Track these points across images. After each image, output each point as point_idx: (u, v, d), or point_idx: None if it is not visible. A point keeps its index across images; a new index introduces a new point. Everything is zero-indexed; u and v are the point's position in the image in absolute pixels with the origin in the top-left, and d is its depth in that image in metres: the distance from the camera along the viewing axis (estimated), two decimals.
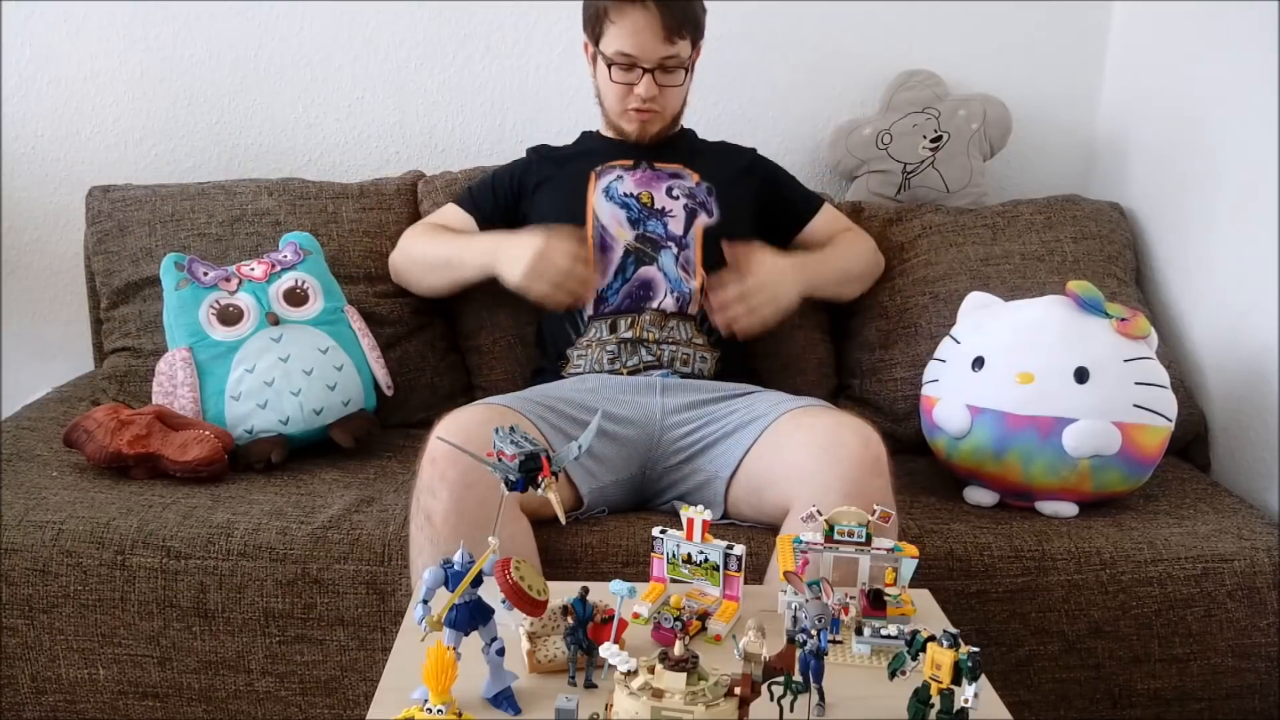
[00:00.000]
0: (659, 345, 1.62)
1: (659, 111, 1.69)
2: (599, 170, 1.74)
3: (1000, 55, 2.16)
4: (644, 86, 1.64)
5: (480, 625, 0.96)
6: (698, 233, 1.69)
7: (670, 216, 1.70)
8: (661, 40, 1.60)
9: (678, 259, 1.67)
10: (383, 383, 1.71)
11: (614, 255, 1.67)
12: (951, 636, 0.87)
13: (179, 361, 1.62)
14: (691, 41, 1.66)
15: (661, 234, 1.68)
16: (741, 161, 1.83)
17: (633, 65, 1.63)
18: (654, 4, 1.59)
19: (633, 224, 1.69)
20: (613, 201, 1.70)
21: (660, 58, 1.62)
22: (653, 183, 1.73)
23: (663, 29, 1.59)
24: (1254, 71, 1.71)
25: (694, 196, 1.72)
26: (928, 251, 1.92)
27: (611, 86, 1.68)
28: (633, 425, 1.52)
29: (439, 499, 1.29)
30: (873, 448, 1.35)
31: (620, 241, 1.68)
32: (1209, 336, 1.83)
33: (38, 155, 2.12)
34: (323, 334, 1.68)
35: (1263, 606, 1.45)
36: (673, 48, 1.62)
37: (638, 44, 1.61)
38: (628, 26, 1.60)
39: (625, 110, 1.69)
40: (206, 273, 1.68)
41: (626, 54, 1.62)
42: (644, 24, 1.59)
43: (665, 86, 1.66)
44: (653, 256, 1.66)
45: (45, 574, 1.38)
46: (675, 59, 1.64)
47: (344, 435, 1.65)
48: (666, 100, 1.69)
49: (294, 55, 2.11)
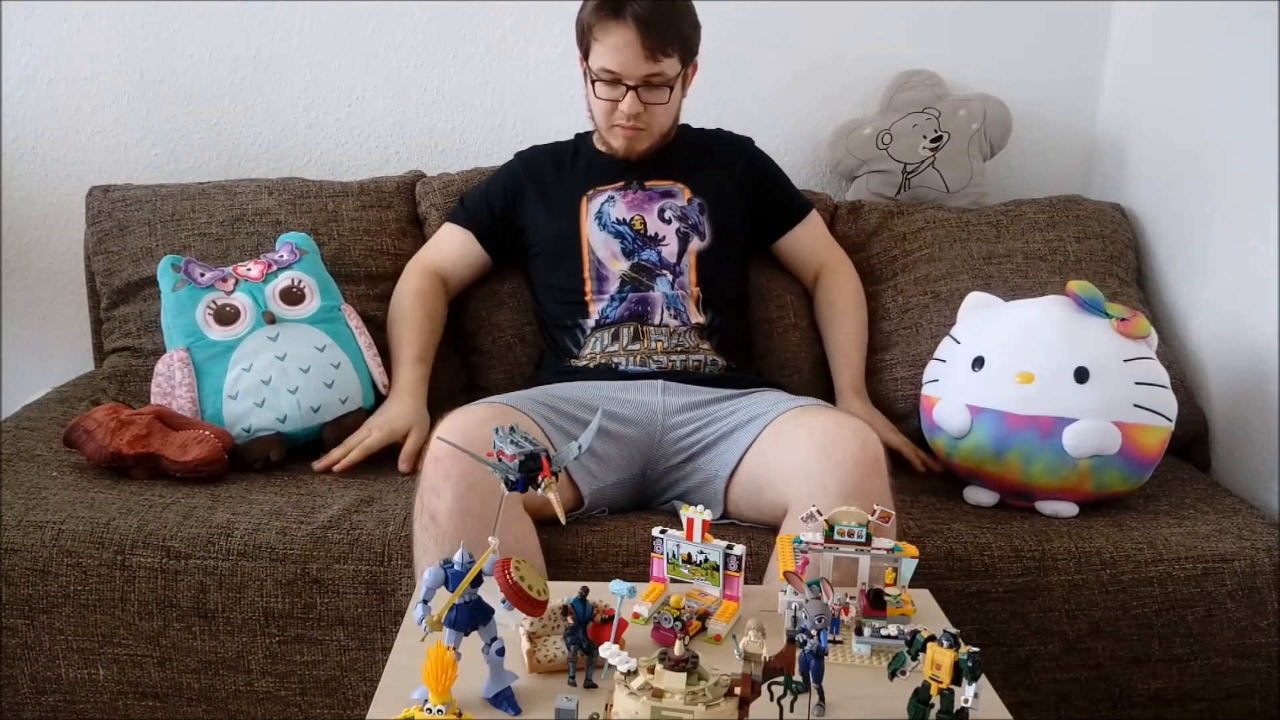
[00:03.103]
0: (669, 355, 1.64)
1: (645, 129, 1.68)
2: (590, 194, 1.74)
3: (1000, 55, 2.16)
4: (627, 103, 1.64)
5: (480, 625, 0.96)
6: (691, 259, 1.71)
7: (663, 245, 1.71)
8: (643, 58, 1.60)
9: (673, 284, 1.69)
10: (379, 381, 1.71)
11: (609, 285, 1.69)
12: (951, 636, 0.87)
13: (176, 362, 1.62)
14: (680, 60, 1.65)
15: (655, 262, 1.70)
16: (737, 158, 1.83)
17: (617, 81, 1.63)
18: (634, 22, 1.58)
19: (626, 255, 1.70)
20: (606, 231, 1.71)
21: (643, 75, 1.61)
22: (644, 205, 1.73)
23: (643, 47, 1.58)
24: (1254, 71, 1.71)
25: (686, 219, 1.72)
26: (931, 245, 1.92)
27: (598, 102, 1.68)
28: (634, 425, 1.53)
29: (442, 498, 1.29)
30: (871, 448, 1.35)
31: (616, 273, 1.69)
32: (1209, 336, 1.83)
33: (38, 155, 2.12)
34: (320, 332, 1.68)
35: (1263, 606, 1.45)
36: (656, 65, 1.61)
37: (620, 61, 1.60)
38: (610, 43, 1.60)
39: (611, 126, 1.69)
40: (203, 274, 1.68)
41: (610, 70, 1.62)
42: (625, 41, 1.59)
43: (650, 104, 1.65)
44: (648, 285, 1.68)
45: (45, 574, 1.38)
46: (660, 77, 1.63)
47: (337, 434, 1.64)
48: (652, 118, 1.67)
49: (294, 55, 2.11)
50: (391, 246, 1.90)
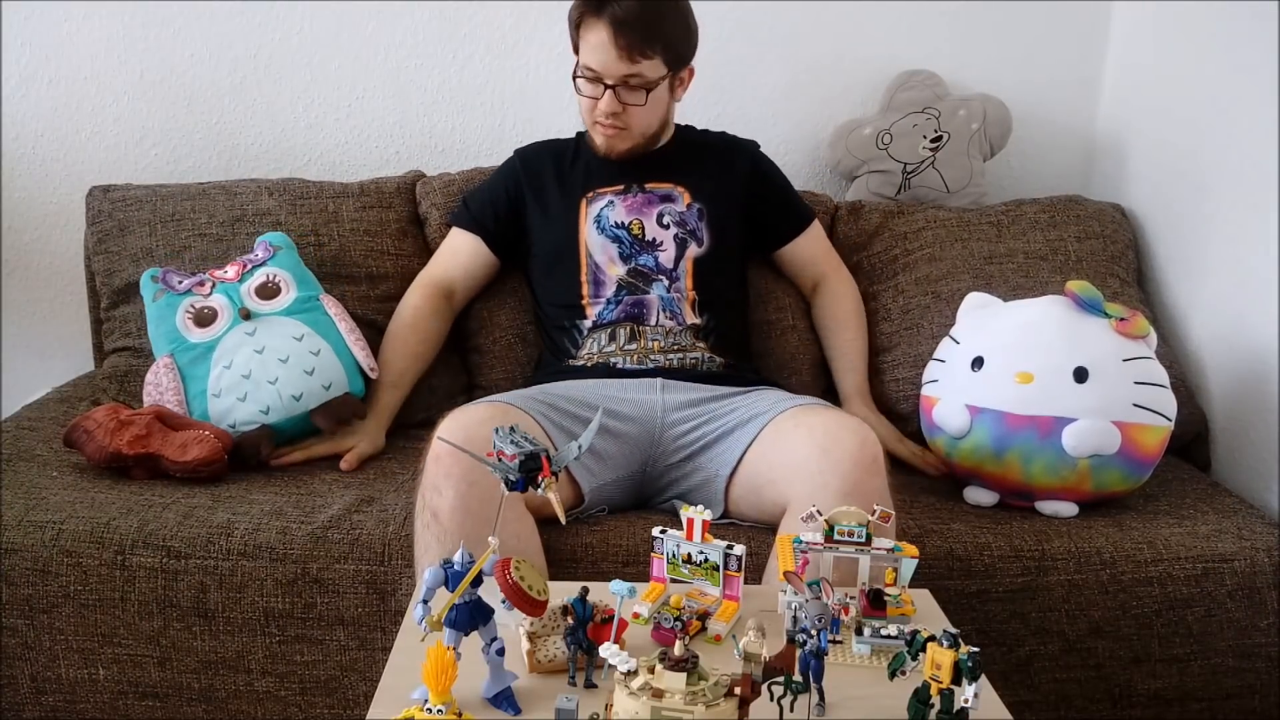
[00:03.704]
0: (665, 354, 1.64)
1: (624, 129, 1.68)
2: (589, 197, 1.75)
3: (1000, 55, 2.16)
4: (604, 102, 1.64)
5: (480, 625, 0.96)
6: (688, 265, 1.71)
7: (660, 250, 1.71)
8: (618, 58, 1.59)
9: (669, 289, 1.69)
10: (365, 365, 1.71)
11: (606, 289, 1.70)
12: (951, 636, 0.87)
13: (162, 369, 1.64)
14: (665, 63, 1.64)
15: (652, 267, 1.70)
16: (740, 163, 1.82)
17: (597, 80, 1.63)
18: (611, 22, 1.58)
19: (624, 259, 1.70)
20: (604, 235, 1.72)
21: (621, 75, 1.61)
22: (643, 209, 1.73)
23: (618, 48, 1.58)
24: (1254, 72, 1.71)
25: (684, 224, 1.73)
26: (932, 245, 1.92)
27: (581, 99, 1.68)
28: (634, 422, 1.53)
29: (444, 496, 1.30)
30: (870, 448, 1.35)
31: (613, 277, 1.70)
32: (1209, 336, 1.83)
33: (38, 155, 2.12)
34: (297, 322, 1.68)
35: (1263, 606, 1.45)
36: (634, 66, 1.60)
37: (599, 59, 1.61)
38: (591, 41, 1.61)
39: (593, 123, 1.70)
40: (181, 281, 1.71)
41: (590, 68, 1.62)
42: (602, 41, 1.59)
43: (628, 105, 1.65)
44: (644, 290, 1.69)
45: (45, 574, 1.38)
46: (638, 78, 1.62)
47: (325, 419, 1.65)
48: (631, 119, 1.67)
49: (294, 55, 2.11)
50: (392, 247, 1.90)
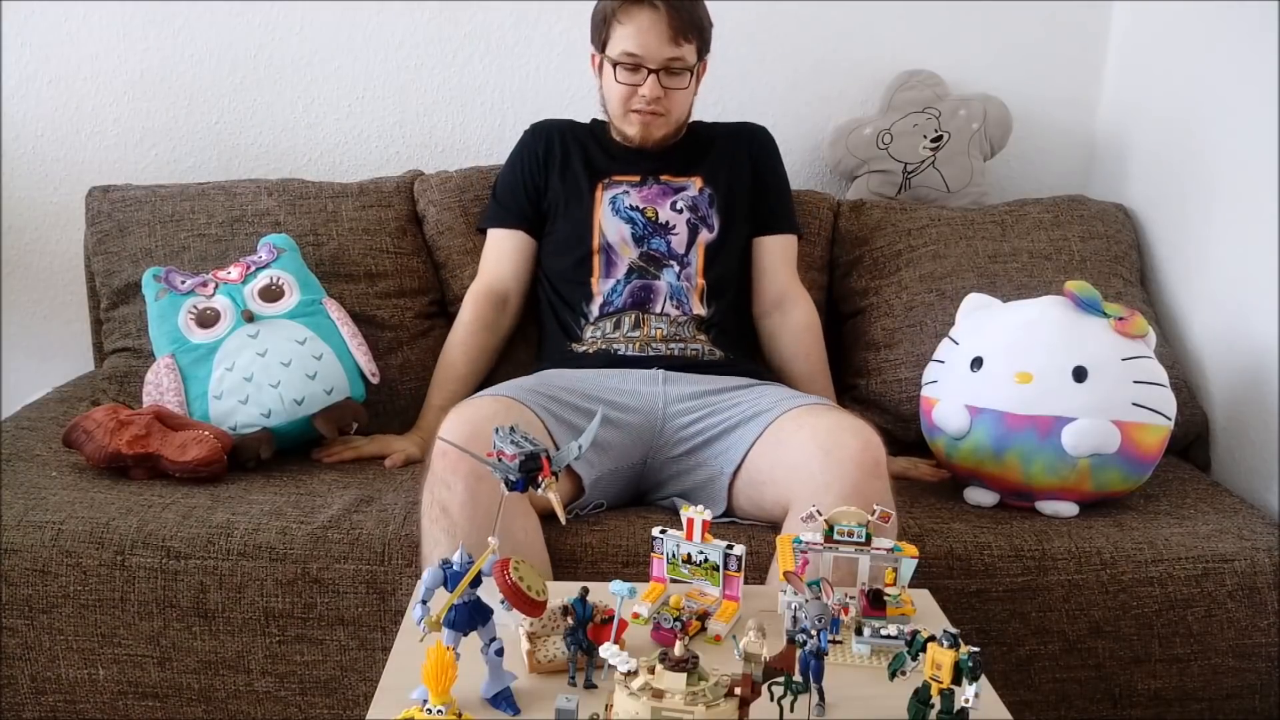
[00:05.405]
0: (667, 344, 1.64)
1: (663, 115, 1.69)
2: (605, 183, 1.75)
3: (1000, 55, 2.16)
4: (649, 87, 1.65)
5: (480, 625, 0.96)
6: (700, 250, 1.72)
7: (673, 234, 1.72)
8: (667, 40, 1.62)
9: (679, 275, 1.70)
10: (366, 370, 1.71)
11: (617, 270, 1.70)
12: (951, 636, 0.87)
13: (163, 369, 1.64)
14: (697, 50, 1.67)
15: (664, 252, 1.71)
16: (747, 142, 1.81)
17: (638, 66, 1.65)
18: (662, 4, 1.61)
19: (637, 241, 1.71)
20: (619, 216, 1.72)
21: (666, 58, 1.64)
22: (658, 197, 1.74)
23: (669, 29, 1.62)
24: (1254, 72, 1.71)
25: (696, 209, 1.74)
26: (936, 242, 1.92)
27: (616, 88, 1.68)
28: (636, 413, 1.53)
29: (454, 491, 1.30)
30: (872, 450, 1.36)
31: (625, 259, 1.70)
32: (1209, 336, 1.83)
33: (38, 155, 2.12)
34: (299, 325, 1.68)
35: (1263, 606, 1.45)
36: (678, 49, 1.64)
37: (643, 44, 1.62)
38: (634, 26, 1.62)
39: (628, 112, 1.70)
40: (184, 281, 1.71)
41: (632, 54, 1.64)
42: (650, 24, 1.62)
43: (670, 89, 1.67)
44: (655, 274, 1.69)
45: (45, 574, 1.38)
46: (680, 62, 1.65)
47: (326, 425, 1.65)
48: (671, 104, 1.69)
49: (294, 55, 2.11)
50: (391, 246, 1.90)
